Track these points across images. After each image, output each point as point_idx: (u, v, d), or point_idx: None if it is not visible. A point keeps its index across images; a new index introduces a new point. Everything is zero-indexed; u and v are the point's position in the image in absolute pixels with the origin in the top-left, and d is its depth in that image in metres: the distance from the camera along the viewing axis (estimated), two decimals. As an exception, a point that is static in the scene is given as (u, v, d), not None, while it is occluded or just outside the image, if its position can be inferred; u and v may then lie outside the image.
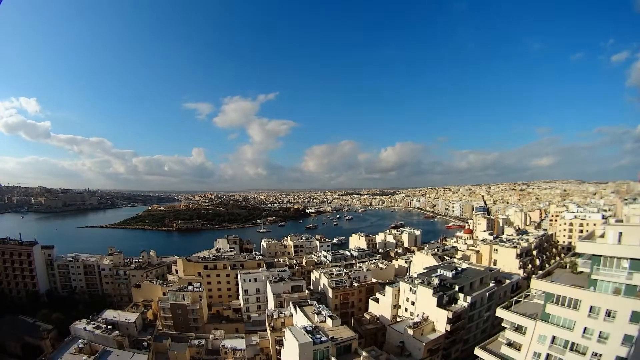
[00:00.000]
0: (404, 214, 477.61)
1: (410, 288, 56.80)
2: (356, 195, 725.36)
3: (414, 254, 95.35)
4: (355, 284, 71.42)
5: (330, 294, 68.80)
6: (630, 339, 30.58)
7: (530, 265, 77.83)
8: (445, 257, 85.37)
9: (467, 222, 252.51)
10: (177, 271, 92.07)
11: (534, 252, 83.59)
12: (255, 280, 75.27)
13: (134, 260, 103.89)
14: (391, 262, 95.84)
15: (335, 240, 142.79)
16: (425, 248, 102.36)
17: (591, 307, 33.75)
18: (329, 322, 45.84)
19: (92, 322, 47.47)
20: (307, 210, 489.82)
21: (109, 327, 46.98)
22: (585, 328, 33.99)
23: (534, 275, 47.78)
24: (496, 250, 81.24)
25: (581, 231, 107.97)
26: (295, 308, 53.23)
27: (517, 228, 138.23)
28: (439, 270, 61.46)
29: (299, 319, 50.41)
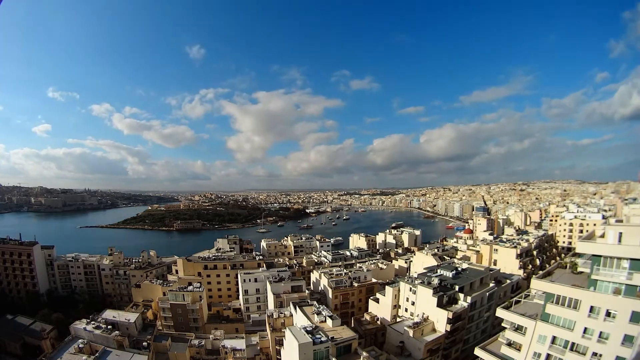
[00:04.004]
0: (404, 213, 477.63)
1: (410, 288, 56.77)
2: (356, 196, 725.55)
3: (414, 254, 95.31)
4: (356, 284, 71.41)
5: (330, 294, 68.78)
6: (630, 339, 30.55)
7: (530, 266, 77.79)
8: (445, 257, 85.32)
9: (467, 222, 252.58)
10: (177, 271, 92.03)
11: (534, 253, 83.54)
12: (255, 280, 75.29)
13: (134, 260, 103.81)
14: (391, 262, 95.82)
15: (332, 241, 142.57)
16: (425, 248, 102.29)
17: (591, 307, 33.73)
18: (329, 322, 45.78)
19: (92, 322, 47.46)
20: (307, 211, 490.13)
21: (109, 327, 46.95)
22: (585, 328, 33.97)
23: (534, 276, 47.73)
24: (496, 250, 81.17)
25: (581, 231, 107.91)
26: (295, 308, 53.18)
27: (517, 228, 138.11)
28: (439, 271, 61.41)
29: (299, 319, 50.37)
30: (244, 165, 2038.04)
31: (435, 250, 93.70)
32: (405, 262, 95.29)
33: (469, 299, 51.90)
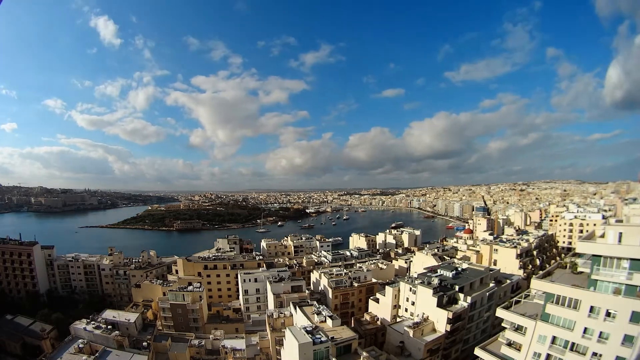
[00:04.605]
0: (404, 213, 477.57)
1: (410, 288, 56.77)
2: (356, 196, 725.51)
3: (414, 254, 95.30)
4: (356, 284, 71.40)
5: (330, 294, 68.78)
6: (630, 339, 30.56)
7: (530, 266, 77.79)
8: (445, 257, 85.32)
9: (467, 222, 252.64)
10: (177, 271, 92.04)
11: (534, 253, 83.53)
12: (255, 280, 75.30)
13: (134, 260, 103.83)
14: (391, 262, 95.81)
15: (331, 240, 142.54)
16: (425, 248, 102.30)
17: (591, 307, 33.73)
18: (329, 322, 45.80)
19: (92, 322, 47.45)
20: (307, 211, 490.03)
21: (109, 327, 46.96)
22: (585, 328, 33.98)
23: (534, 276, 47.74)
24: (496, 250, 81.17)
25: (581, 231, 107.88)
26: (295, 308, 53.20)
27: (517, 228, 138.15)
28: (439, 271, 61.41)
29: (299, 319, 50.39)
30: (226, 164, 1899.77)
31: (435, 250, 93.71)
32: (405, 262, 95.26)
33: (469, 299, 51.88)
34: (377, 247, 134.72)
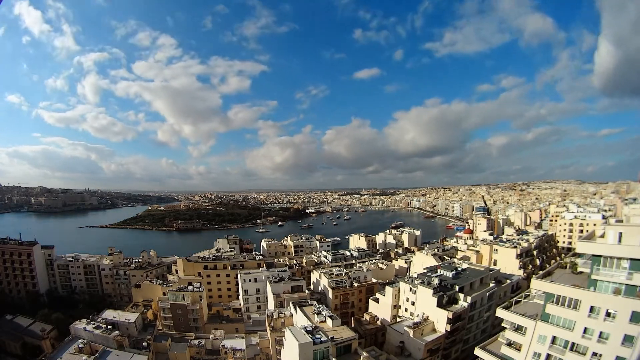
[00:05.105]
0: (404, 213, 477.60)
1: (410, 288, 56.77)
2: (356, 196, 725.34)
3: (414, 254, 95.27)
4: (356, 284, 71.41)
5: (330, 294, 68.78)
6: (630, 339, 30.55)
7: (530, 266, 77.79)
8: (445, 257, 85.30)
9: (467, 222, 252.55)
10: (177, 271, 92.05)
11: (534, 253, 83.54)
12: (255, 280, 75.32)
13: (134, 260, 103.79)
14: (391, 262, 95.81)
15: (330, 240, 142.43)
16: (425, 248, 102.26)
17: (591, 307, 33.73)
18: (329, 322, 45.81)
19: (92, 322, 47.46)
20: (307, 211, 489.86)
21: (109, 327, 46.96)
22: (585, 328, 33.98)
23: (534, 276, 47.75)
24: (496, 250, 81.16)
25: (581, 231, 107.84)
26: (295, 308, 53.21)
27: (517, 228, 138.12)
28: (439, 271, 61.40)
29: (299, 319, 50.39)
30: (211, 162, 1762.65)
31: (435, 250, 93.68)
32: (405, 262, 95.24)
33: (469, 299, 51.87)
34: (377, 247, 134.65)
